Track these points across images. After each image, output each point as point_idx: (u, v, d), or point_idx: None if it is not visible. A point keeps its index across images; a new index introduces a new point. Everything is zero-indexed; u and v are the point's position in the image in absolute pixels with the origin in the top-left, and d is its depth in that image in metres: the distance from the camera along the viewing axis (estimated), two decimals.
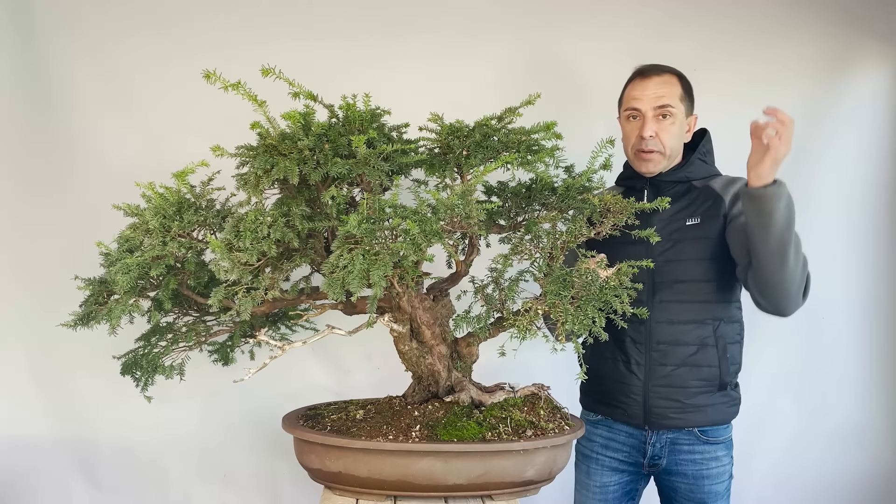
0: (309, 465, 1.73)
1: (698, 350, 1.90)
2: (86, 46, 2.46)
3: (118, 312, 1.61)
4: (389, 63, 2.52)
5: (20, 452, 2.50)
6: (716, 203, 1.91)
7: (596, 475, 2.04)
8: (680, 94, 1.92)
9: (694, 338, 1.90)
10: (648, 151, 1.90)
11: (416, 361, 1.79)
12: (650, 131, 1.89)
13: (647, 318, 1.79)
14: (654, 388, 1.92)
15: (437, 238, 1.45)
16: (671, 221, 1.91)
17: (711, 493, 1.94)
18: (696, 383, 1.90)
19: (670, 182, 1.96)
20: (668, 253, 1.90)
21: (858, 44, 2.62)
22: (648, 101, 1.89)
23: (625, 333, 1.90)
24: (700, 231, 1.90)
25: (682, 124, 1.93)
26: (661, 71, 1.93)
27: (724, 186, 1.94)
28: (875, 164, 2.65)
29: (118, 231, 1.70)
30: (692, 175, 1.96)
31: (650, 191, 1.97)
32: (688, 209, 1.92)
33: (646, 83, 1.91)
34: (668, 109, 1.88)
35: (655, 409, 1.92)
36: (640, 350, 1.92)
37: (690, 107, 1.96)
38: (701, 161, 1.98)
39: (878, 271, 2.67)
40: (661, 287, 1.90)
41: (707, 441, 1.93)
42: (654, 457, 1.96)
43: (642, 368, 1.92)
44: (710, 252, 1.90)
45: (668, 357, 1.90)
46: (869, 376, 2.69)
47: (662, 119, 1.90)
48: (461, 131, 1.69)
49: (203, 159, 1.57)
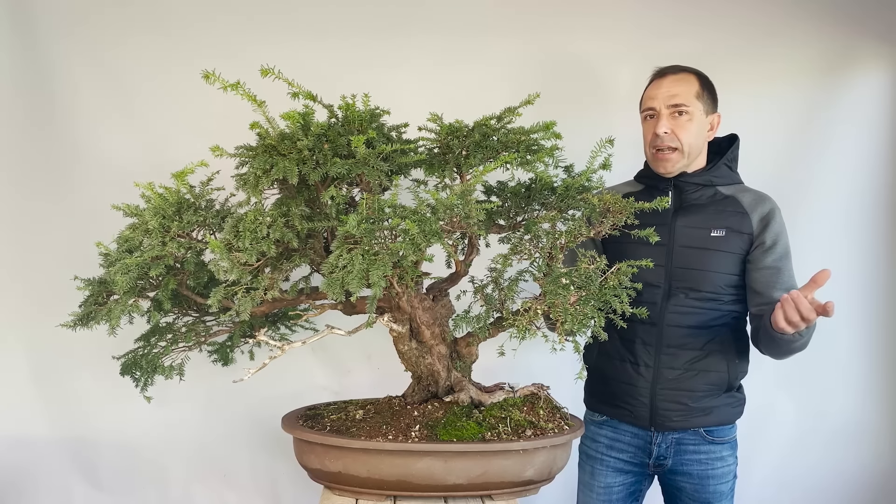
0: (308, 465, 1.73)
1: (708, 355, 1.90)
2: (86, 47, 2.46)
3: (118, 313, 1.61)
4: (389, 63, 2.52)
5: (20, 452, 2.49)
6: (742, 220, 1.90)
7: (600, 476, 2.04)
8: (696, 91, 1.91)
9: (704, 343, 1.90)
10: (664, 149, 1.90)
11: (416, 361, 1.79)
12: (664, 128, 1.89)
13: (659, 321, 1.79)
14: (661, 390, 1.91)
15: (437, 238, 1.45)
16: (696, 229, 1.91)
17: (716, 494, 1.94)
18: (703, 387, 1.90)
19: (695, 184, 1.94)
20: (689, 261, 1.90)
21: (858, 44, 2.62)
22: (662, 100, 1.90)
23: (635, 335, 1.90)
24: (723, 244, 1.89)
25: (701, 122, 1.92)
26: (678, 70, 1.94)
27: (752, 203, 1.92)
28: (875, 164, 2.64)
29: (118, 231, 1.70)
30: (717, 180, 1.95)
31: (674, 192, 1.96)
32: (715, 220, 1.91)
33: (660, 83, 1.93)
34: (682, 108, 1.88)
35: (661, 411, 1.92)
36: (650, 352, 1.92)
37: (711, 105, 1.94)
38: (727, 167, 1.97)
39: (878, 271, 2.66)
40: (676, 292, 1.90)
41: (713, 441, 1.93)
42: (660, 457, 1.96)
43: (650, 370, 1.92)
44: (730, 266, 1.90)
45: (677, 360, 1.90)
46: (869, 376, 2.68)
47: (678, 116, 1.89)
48: (460, 131, 1.69)
49: (202, 159, 1.57)
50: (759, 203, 1.92)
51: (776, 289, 1.86)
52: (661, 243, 1.70)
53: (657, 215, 1.73)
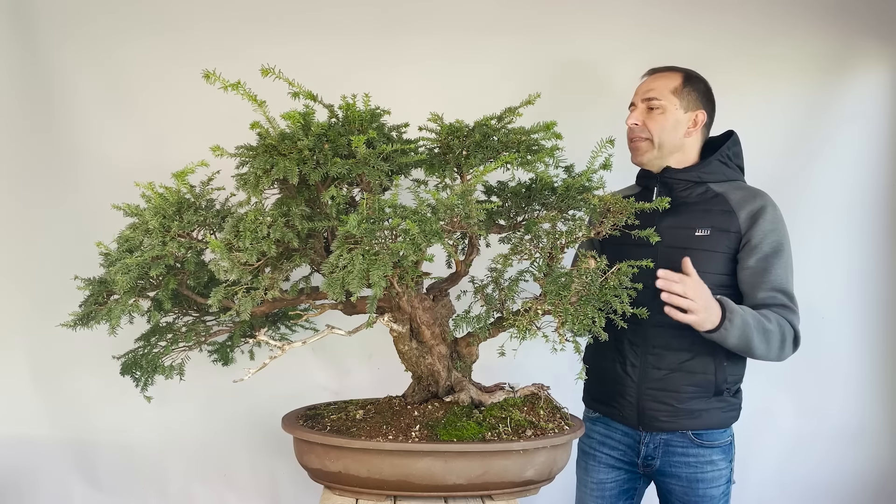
0: (309, 465, 1.73)
1: (693, 357, 1.88)
2: (86, 47, 2.46)
3: (118, 312, 1.61)
4: (389, 63, 2.52)
5: (20, 452, 2.49)
6: (729, 218, 1.88)
7: (594, 471, 2.04)
8: (675, 87, 1.92)
9: (689, 344, 1.87)
10: (635, 140, 1.97)
11: (416, 361, 1.79)
12: (634, 119, 1.96)
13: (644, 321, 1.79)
14: (647, 390, 1.91)
15: (437, 238, 1.45)
16: (681, 228, 1.90)
17: (706, 497, 1.92)
18: (689, 389, 1.89)
19: (682, 181, 1.94)
20: (674, 260, 1.87)
21: (858, 44, 2.62)
22: (639, 95, 1.98)
23: (623, 335, 1.89)
24: (708, 243, 1.88)
25: (677, 117, 1.92)
26: (664, 69, 1.98)
27: (740, 201, 1.90)
28: (875, 164, 2.64)
29: (118, 231, 1.70)
30: (707, 176, 1.93)
31: (661, 189, 1.96)
32: (700, 219, 1.90)
33: (646, 80, 2.00)
34: (654, 101, 1.93)
35: (648, 412, 1.91)
36: (636, 352, 1.92)
37: (693, 103, 1.93)
38: (721, 163, 1.95)
39: (878, 271, 2.66)
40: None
41: (701, 444, 1.92)
42: (648, 457, 1.96)
43: (637, 370, 1.92)
44: (715, 266, 1.87)
45: (663, 361, 1.90)
46: (869, 376, 2.68)
47: (651, 110, 1.94)
48: (461, 131, 1.69)
49: (203, 159, 1.57)
50: (749, 200, 1.90)
51: (761, 289, 1.83)
52: (647, 243, 1.70)
53: (645, 215, 1.73)
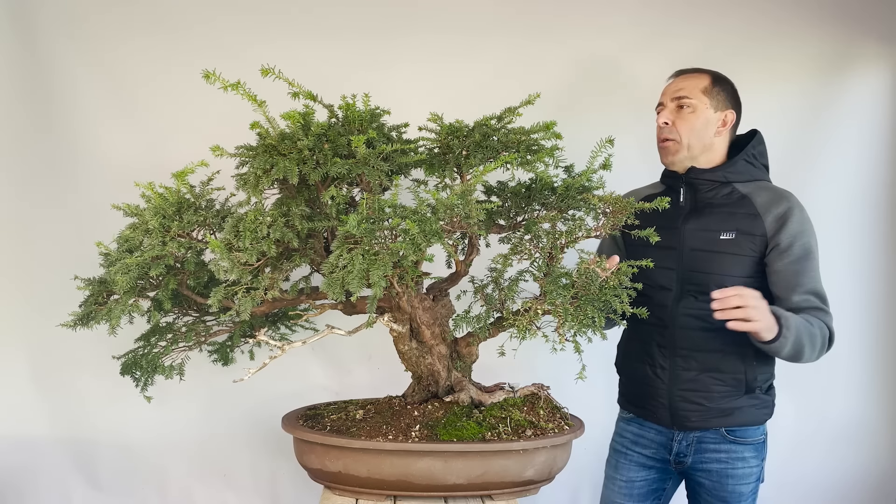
0: (309, 465, 1.73)
1: (723, 357, 1.88)
2: (86, 47, 2.46)
3: (118, 312, 1.61)
4: (389, 63, 2.52)
5: (20, 452, 2.49)
6: (754, 221, 1.87)
7: (623, 469, 2.05)
8: (704, 87, 1.92)
9: (718, 345, 1.87)
10: (664, 140, 1.94)
11: (416, 361, 1.79)
12: (664, 118, 1.94)
13: (671, 324, 1.78)
14: (678, 391, 1.91)
15: (437, 238, 1.45)
16: (705, 231, 1.89)
17: (735, 493, 1.93)
18: (719, 388, 1.88)
19: (707, 181, 1.93)
20: (698, 264, 1.88)
21: (858, 44, 2.61)
22: (668, 94, 1.96)
23: (651, 337, 1.91)
24: (733, 247, 1.87)
25: (707, 118, 1.91)
26: (691, 70, 1.97)
27: (766, 204, 1.88)
28: (875, 164, 2.64)
29: (118, 231, 1.70)
30: (732, 176, 1.92)
31: (686, 190, 1.95)
32: (725, 222, 1.88)
33: (674, 80, 1.98)
34: (684, 100, 1.91)
35: (680, 412, 1.91)
36: (665, 354, 1.92)
37: (721, 102, 1.93)
38: (747, 163, 1.94)
39: (878, 271, 2.66)
40: (686, 294, 1.88)
41: (734, 441, 1.92)
42: (680, 454, 1.96)
43: (667, 372, 1.92)
44: (741, 269, 1.86)
45: (691, 362, 1.89)
46: (869, 378, 2.68)
47: (681, 109, 1.92)
48: (461, 131, 1.69)
49: (203, 159, 1.57)
50: (775, 203, 1.88)
51: (795, 293, 1.83)
52: (671, 246, 1.70)
53: (668, 217, 1.73)
